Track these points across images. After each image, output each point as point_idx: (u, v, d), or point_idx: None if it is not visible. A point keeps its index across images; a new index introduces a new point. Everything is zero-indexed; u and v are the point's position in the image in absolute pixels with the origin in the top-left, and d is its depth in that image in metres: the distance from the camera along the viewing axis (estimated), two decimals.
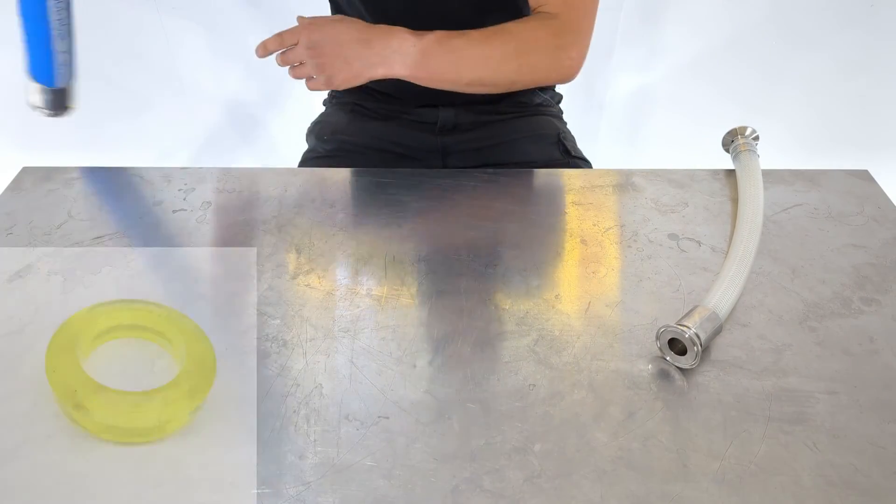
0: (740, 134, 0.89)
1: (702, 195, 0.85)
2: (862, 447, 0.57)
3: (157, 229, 0.80)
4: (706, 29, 1.80)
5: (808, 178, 0.88)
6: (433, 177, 0.88)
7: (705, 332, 0.63)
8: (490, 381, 0.63)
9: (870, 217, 0.82)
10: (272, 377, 0.63)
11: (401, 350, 0.65)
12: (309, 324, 0.68)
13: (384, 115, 1.04)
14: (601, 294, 0.72)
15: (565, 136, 1.06)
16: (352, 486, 0.54)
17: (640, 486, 0.54)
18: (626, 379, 0.63)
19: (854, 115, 1.86)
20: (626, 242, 0.78)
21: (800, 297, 0.71)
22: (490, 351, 0.66)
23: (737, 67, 1.82)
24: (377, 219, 0.81)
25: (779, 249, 0.77)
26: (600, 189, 0.86)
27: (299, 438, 0.58)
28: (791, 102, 1.84)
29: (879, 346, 0.66)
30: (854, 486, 0.54)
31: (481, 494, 0.54)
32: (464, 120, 1.03)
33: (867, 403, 0.60)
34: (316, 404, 0.60)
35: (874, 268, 0.75)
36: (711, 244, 0.78)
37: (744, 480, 0.54)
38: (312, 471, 0.55)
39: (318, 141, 1.06)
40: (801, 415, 0.59)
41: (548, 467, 0.55)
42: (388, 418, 0.59)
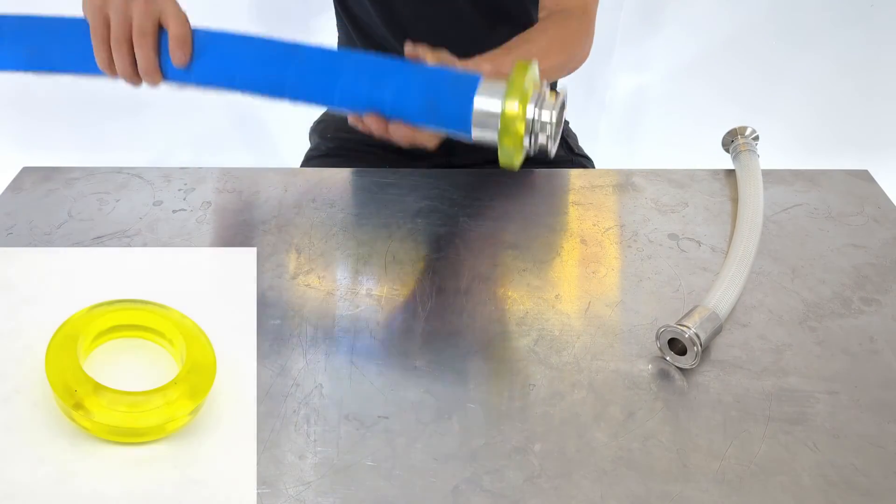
0: (740, 134, 0.89)
1: (702, 195, 0.85)
2: (862, 447, 0.57)
3: (157, 229, 0.80)
4: (706, 29, 1.80)
5: (808, 178, 0.88)
6: (433, 177, 0.88)
7: (705, 332, 0.63)
8: (490, 381, 0.63)
9: (870, 217, 0.82)
10: (272, 377, 0.63)
11: (401, 350, 0.65)
12: (309, 324, 0.68)
13: None
14: (601, 294, 0.72)
15: (568, 133, 1.06)
16: (352, 486, 0.54)
17: (640, 486, 0.54)
18: (626, 379, 0.63)
19: (854, 114, 1.86)
20: (626, 242, 0.78)
21: (800, 297, 0.71)
22: (490, 351, 0.66)
23: (737, 67, 1.82)
24: (377, 219, 0.81)
25: (779, 249, 0.77)
26: (600, 189, 0.86)
27: (299, 438, 0.58)
28: (791, 102, 1.84)
29: (879, 346, 0.66)
30: (854, 486, 0.54)
31: (481, 494, 0.54)
32: None
33: (867, 403, 0.60)
34: (316, 404, 0.60)
35: (874, 268, 0.75)
36: (711, 244, 0.78)
37: (744, 480, 0.54)
38: (312, 471, 0.55)
39: (321, 139, 1.06)
40: (801, 415, 0.59)
41: (548, 467, 0.55)
42: (388, 418, 0.59)
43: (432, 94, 0.61)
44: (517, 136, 0.58)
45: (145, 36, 0.63)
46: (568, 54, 0.86)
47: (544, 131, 0.59)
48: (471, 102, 0.59)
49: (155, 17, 0.63)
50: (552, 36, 0.84)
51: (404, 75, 0.63)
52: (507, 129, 0.58)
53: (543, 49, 0.82)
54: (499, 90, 0.58)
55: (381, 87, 0.62)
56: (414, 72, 0.63)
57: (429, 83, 0.61)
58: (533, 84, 0.60)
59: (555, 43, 0.84)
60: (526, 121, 0.58)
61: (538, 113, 0.58)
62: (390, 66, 0.64)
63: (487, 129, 0.59)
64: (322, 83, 0.64)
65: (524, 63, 0.59)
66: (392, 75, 0.63)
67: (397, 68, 0.63)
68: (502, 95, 0.58)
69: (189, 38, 0.64)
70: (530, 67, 0.59)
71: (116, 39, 0.63)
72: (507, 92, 0.58)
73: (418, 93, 0.61)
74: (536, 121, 0.58)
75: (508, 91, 0.58)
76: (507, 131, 0.58)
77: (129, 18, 0.63)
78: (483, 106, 0.59)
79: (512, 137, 0.58)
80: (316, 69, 0.64)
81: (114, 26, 0.63)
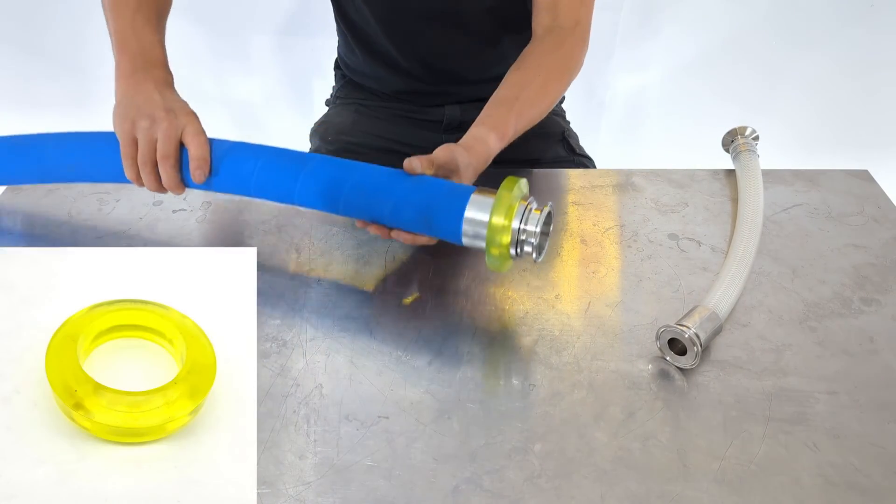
0: (740, 134, 0.89)
1: (702, 195, 0.85)
2: (862, 447, 0.57)
3: (157, 229, 0.80)
4: (706, 29, 1.80)
5: (808, 178, 0.88)
6: None
7: (705, 332, 0.63)
8: (490, 381, 0.63)
9: (870, 217, 0.82)
10: (272, 377, 0.63)
11: (401, 350, 0.65)
12: (309, 324, 0.68)
13: (389, 114, 1.04)
14: (601, 294, 0.72)
15: (569, 133, 1.06)
16: (352, 486, 0.54)
17: (640, 486, 0.54)
18: (626, 379, 0.63)
19: (854, 114, 1.86)
20: (626, 242, 0.78)
21: (800, 297, 0.71)
22: (490, 351, 0.66)
23: (737, 67, 1.82)
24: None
25: (779, 249, 0.77)
26: (600, 189, 0.86)
27: (299, 438, 0.58)
28: (791, 102, 1.84)
29: (879, 346, 0.66)
30: (854, 486, 0.54)
31: (481, 494, 0.54)
32: (470, 118, 1.02)
33: (867, 403, 0.60)
34: (316, 404, 0.60)
35: (874, 268, 0.75)
36: (711, 244, 0.78)
37: (744, 480, 0.54)
38: (312, 471, 0.55)
39: (322, 142, 1.06)
40: (801, 415, 0.59)
41: (548, 467, 0.55)
42: (388, 418, 0.59)
43: (426, 209, 0.66)
44: (503, 247, 0.64)
45: (168, 158, 0.69)
46: (567, 78, 0.87)
47: (529, 242, 0.63)
48: (461, 216, 0.64)
49: (176, 139, 0.69)
50: (549, 67, 0.84)
51: (402, 190, 0.67)
52: (494, 241, 0.63)
53: (541, 87, 0.83)
54: (487, 205, 0.64)
55: (380, 203, 0.67)
56: (410, 187, 0.67)
57: (424, 198, 0.66)
58: (520, 198, 0.65)
59: (552, 74, 0.85)
60: (511, 233, 0.63)
61: (523, 226, 0.63)
62: (388, 180, 0.68)
63: (476, 239, 0.64)
64: (327, 197, 0.69)
65: (513, 179, 0.64)
66: (390, 191, 0.67)
67: (395, 183, 0.67)
68: (490, 210, 0.63)
69: (207, 160, 0.69)
70: (518, 183, 0.64)
71: (143, 161, 0.69)
72: (495, 207, 0.63)
73: (414, 207, 0.66)
74: (522, 231, 0.63)
75: (496, 206, 0.63)
76: (494, 243, 0.63)
77: (154, 141, 0.69)
78: (472, 220, 0.64)
79: (498, 248, 0.64)
80: (321, 184, 0.69)
81: (140, 148, 0.69)
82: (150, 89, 0.71)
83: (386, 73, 1.01)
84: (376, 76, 1.03)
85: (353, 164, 0.70)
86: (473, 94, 1.01)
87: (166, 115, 0.69)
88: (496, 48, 0.97)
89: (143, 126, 0.69)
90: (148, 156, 0.69)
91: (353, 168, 0.70)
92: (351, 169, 0.69)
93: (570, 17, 0.88)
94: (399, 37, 0.96)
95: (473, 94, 1.01)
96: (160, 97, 0.71)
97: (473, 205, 0.64)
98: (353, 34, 1.01)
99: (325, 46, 1.23)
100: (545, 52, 0.86)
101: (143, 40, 0.75)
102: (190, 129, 0.69)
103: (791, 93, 1.83)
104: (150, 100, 0.70)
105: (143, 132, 0.69)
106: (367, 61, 1.02)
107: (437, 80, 1.00)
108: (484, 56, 0.98)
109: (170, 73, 0.75)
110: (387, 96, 1.04)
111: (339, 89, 1.10)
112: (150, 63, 0.74)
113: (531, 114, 0.82)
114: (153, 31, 0.77)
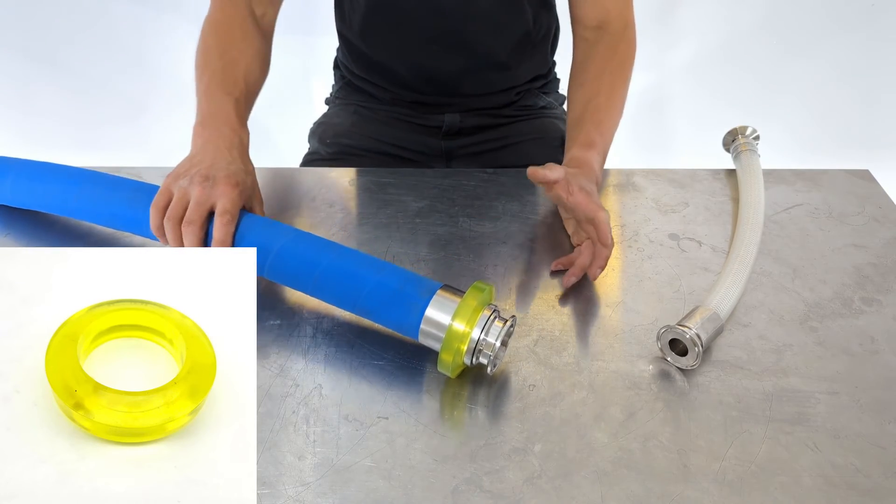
0: (741, 134, 0.89)
1: (702, 195, 0.85)
2: (862, 447, 0.57)
3: None
4: (707, 31, 1.80)
5: (809, 178, 0.88)
6: (433, 177, 0.88)
7: (706, 332, 0.63)
8: (490, 381, 0.62)
9: (871, 217, 0.82)
10: (272, 377, 0.63)
11: (401, 350, 0.65)
12: (309, 324, 0.68)
13: (388, 118, 1.04)
14: (601, 294, 0.72)
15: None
16: (351, 487, 0.54)
17: (640, 487, 0.54)
18: (627, 379, 0.63)
19: (855, 115, 1.86)
20: (627, 242, 0.78)
21: (800, 297, 0.71)
22: None
23: (738, 68, 1.82)
24: (377, 219, 0.81)
25: (780, 249, 0.77)
26: (601, 189, 0.86)
27: (299, 439, 0.58)
28: (792, 102, 1.84)
29: (880, 346, 0.66)
30: (854, 486, 0.54)
31: (481, 495, 0.54)
32: (468, 124, 1.03)
33: (867, 403, 0.60)
34: (316, 404, 0.60)
35: (875, 268, 0.75)
36: (712, 244, 0.78)
37: (744, 481, 0.54)
38: (312, 471, 0.55)
39: (320, 143, 1.06)
40: (801, 415, 0.59)
41: (548, 468, 0.55)
42: (387, 419, 0.59)
43: (392, 294, 0.63)
44: (458, 354, 0.60)
45: (192, 224, 0.68)
46: (628, 79, 0.91)
47: (485, 354, 0.60)
48: (422, 311, 0.61)
49: (206, 209, 0.68)
50: (612, 83, 0.88)
51: (371, 278, 0.64)
52: (450, 346, 0.60)
53: (615, 104, 0.87)
54: (450, 307, 0.60)
55: (349, 288, 0.65)
56: (378, 275, 0.64)
57: (392, 283, 0.63)
58: (485, 306, 0.61)
59: (617, 88, 0.88)
60: (469, 341, 0.60)
61: (484, 336, 0.60)
62: (360, 268, 0.65)
63: (430, 339, 0.61)
64: (301, 280, 0.66)
65: (480, 286, 0.62)
66: (361, 277, 0.64)
67: (365, 270, 0.64)
68: (452, 313, 0.60)
69: (227, 244, 0.68)
70: (486, 290, 0.62)
71: (169, 218, 0.69)
72: (457, 311, 0.60)
73: (383, 291, 0.63)
74: (482, 341, 0.60)
75: (458, 311, 0.60)
76: (449, 347, 0.60)
77: (187, 202, 0.69)
78: (431, 319, 0.61)
79: (451, 353, 0.60)
80: (298, 270, 0.66)
81: (172, 205, 0.69)
82: (212, 149, 0.72)
83: (385, 83, 1.01)
84: (375, 84, 1.03)
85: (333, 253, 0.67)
86: (474, 105, 1.01)
87: (202, 182, 0.69)
88: (498, 66, 0.98)
89: (180, 185, 0.69)
90: (176, 216, 0.69)
91: (333, 254, 0.66)
92: (325, 252, 0.67)
93: (620, 21, 0.91)
94: (401, 56, 0.97)
95: (474, 105, 1.01)
96: (212, 159, 0.71)
97: (436, 304, 0.61)
98: (351, 51, 1.01)
99: (325, 46, 1.23)
100: (603, 70, 0.89)
101: (215, 101, 0.77)
102: (219, 207, 0.68)
103: (792, 93, 1.84)
104: (202, 161, 0.71)
105: (180, 189, 0.69)
106: (366, 73, 1.02)
107: (438, 93, 1.00)
108: (485, 73, 0.98)
109: (237, 134, 0.76)
110: (386, 99, 1.04)
111: (338, 89, 1.10)
112: (219, 121, 0.76)
113: (608, 125, 0.85)
114: (227, 93, 0.79)
